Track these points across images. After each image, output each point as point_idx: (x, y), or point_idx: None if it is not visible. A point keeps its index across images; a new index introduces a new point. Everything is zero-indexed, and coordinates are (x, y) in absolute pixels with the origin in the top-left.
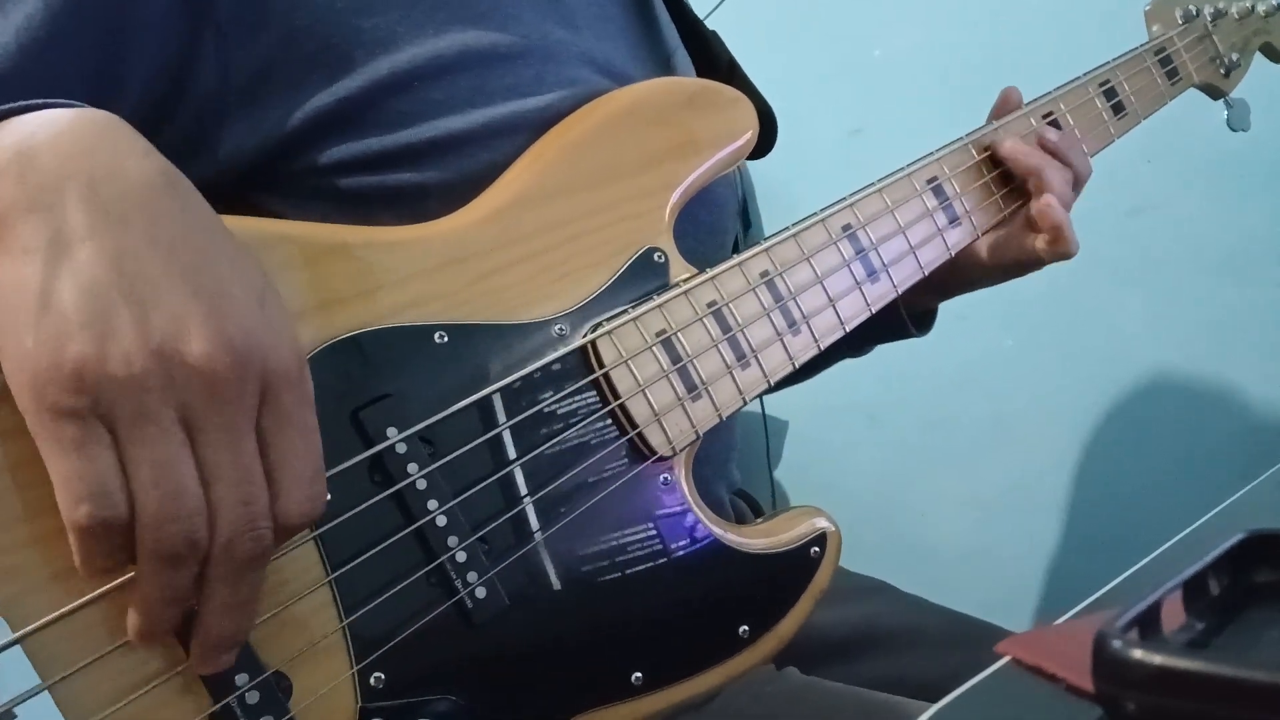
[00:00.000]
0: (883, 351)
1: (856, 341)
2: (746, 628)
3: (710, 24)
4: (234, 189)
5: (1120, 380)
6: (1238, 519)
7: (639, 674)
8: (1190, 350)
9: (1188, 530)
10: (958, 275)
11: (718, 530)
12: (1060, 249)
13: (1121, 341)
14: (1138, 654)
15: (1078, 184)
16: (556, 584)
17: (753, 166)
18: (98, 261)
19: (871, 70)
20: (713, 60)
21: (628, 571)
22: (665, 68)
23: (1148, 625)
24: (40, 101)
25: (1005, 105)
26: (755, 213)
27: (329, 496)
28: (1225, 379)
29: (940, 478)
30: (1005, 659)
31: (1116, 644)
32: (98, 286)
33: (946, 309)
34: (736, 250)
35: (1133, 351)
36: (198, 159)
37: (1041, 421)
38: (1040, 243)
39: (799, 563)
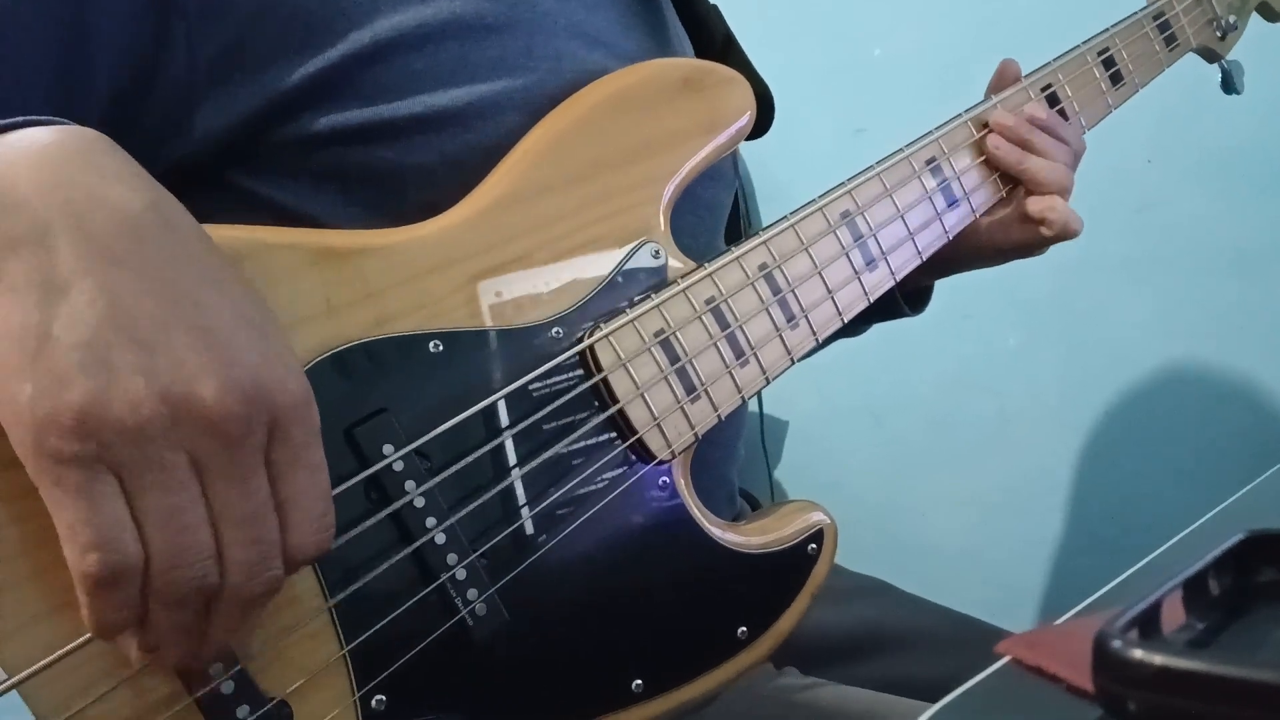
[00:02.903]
0: (885, 350)
1: (853, 322)
2: (745, 628)
3: None
4: (210, 167)
5: (1123, 379)
6: (1238, 519)
7: (639, 681)
8: (1193, 349)
9: (1188, 530)
10: (957, 256)
11: (715, 531)
12: (1064, 235)
13: (1125, 340)
14: (1138, 654)
15: (1074, 160)
16: (556, 596)
17: (754, 167)
18: (94, 301)
19: (873, 69)
20: (709, 34)
21: (626, 579)
22: (659, 40)
23: (1148, 625)
24: (20, 120)
25: (1003, 78)
26: (756, 214)
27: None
28: (1228, 378)
29: (941, 477)
30: (1005, 659)
31: (1117, 644)
32: (96, 328)
33: (950, 308)
34: (736, 220)
35: (1136, 350)
36: (173, 141)
37: (1043, 421)
38: (1044, 229)
39: (796, 560)
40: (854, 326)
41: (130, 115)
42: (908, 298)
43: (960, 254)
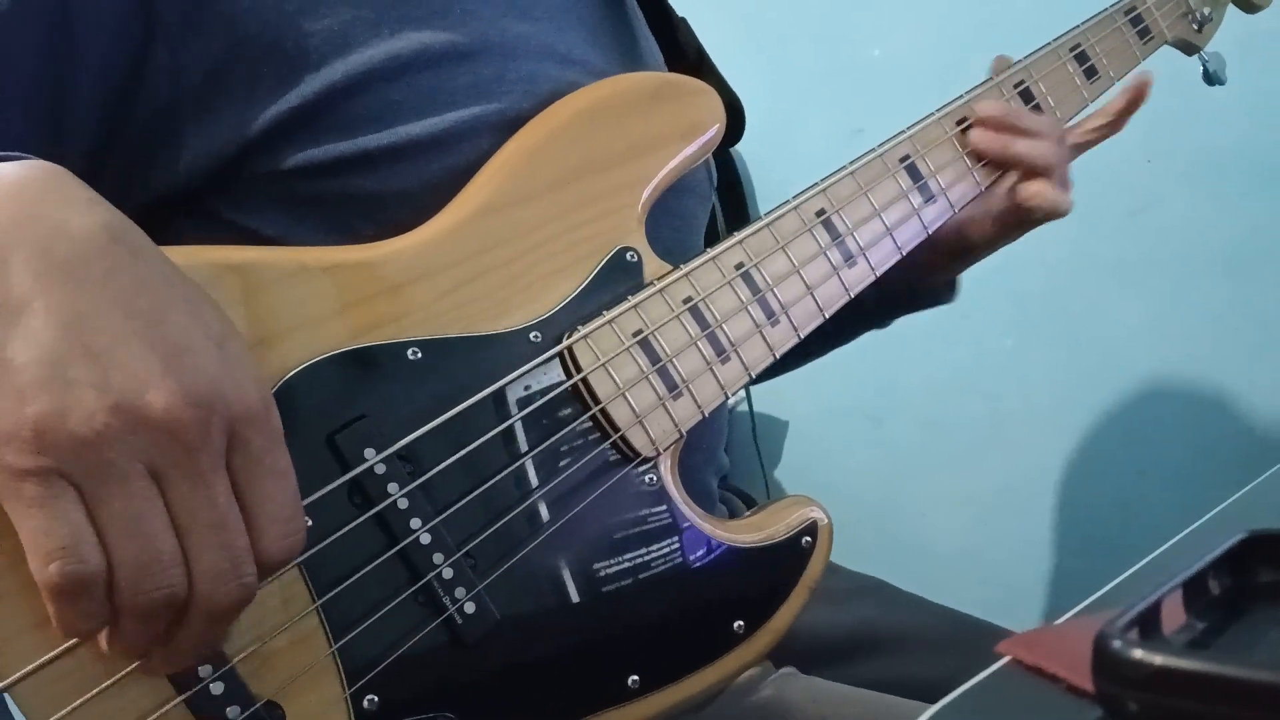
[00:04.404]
0: (882, 351)
1: (880, 314)
2: (741, 623)
3: (710, 23)
4: (193, 199)
5: (1120, 380)
6: (1238, 519)
7: (635, 677)
8: (1190, 350)
9: (1188, 530)
10: (970, 245)
11: (707, 527)
12: (1054, 215)
13: (1121, 341)
14: (1138, 654)
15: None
16: (546, 593)
17: (754, 167)
18: (50, 321)
19: (872, 70)
20: (681, 49)
21: (618, 575)
22: (630, 56)
23: (1148, 625)
24: None
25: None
26: (756, 214)
27: (309, 523)
28: (1225, 379)
29: (940, 478)
30: (1005, 659)
31: (1117, 644)
32: (52, 346)
33: (947, 310)
34: (714, 233)
35: (1133, 351)
36: (156, 170)
37: (1041, 421)
38: (1032, 214)
39: (791, 554)
40: (882, 318)
41: (117, 139)
42: (933, 291)
43: (971, 242)
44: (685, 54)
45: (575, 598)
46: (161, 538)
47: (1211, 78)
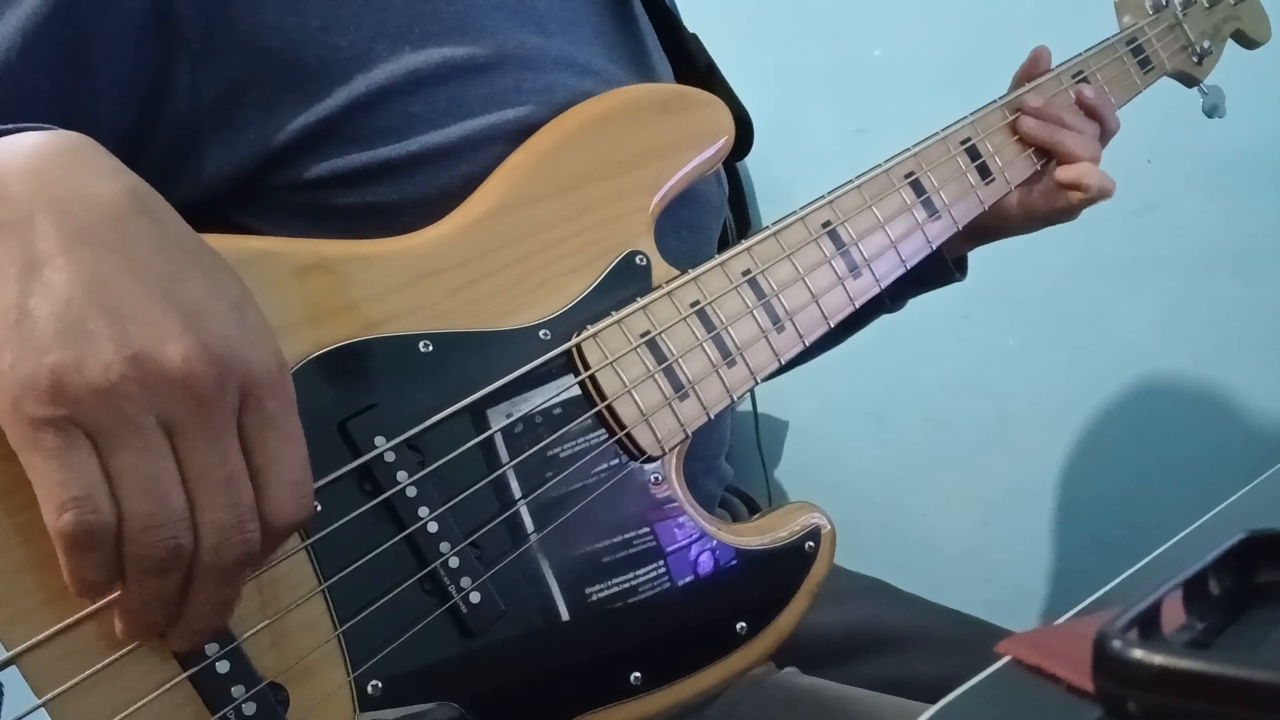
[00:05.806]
0: (886, 351)
1: (892, 295)
2: (744, 624)
3: (712, 25)
4: (213, 207)
5: (1123, 380)
6: (1238, 519)
7: (638, 674)
8: (1192, 350)
9: (1188, 530)
10: (993, 226)
11: (711, 528)
12: (1100, 196)
13: (1124, 341)
14: (1138, 654)
15: (1105, 137)
16: (551, 586)
17: (755, 168)
18: (71, 278)
19: (873, 70)
20: (691, 63)
21: (622, 572)
22: (644, 68)
23: (1148, 625)
24: (12, 126)
25: (1034, 67)
26: (756, 213)
27: (319, 507)
28: (1227, 379)
29: (942, 478)
30: (1005, 659)
31: (1117, 644)
32: (72, 301)
33: (950, 309)
34: (727, 242)
35: (1135, 351)
36: (179, 182)
37: (1043, 421)
38: (1076, 198)
39: (794, 558)
40: (895, 300)
41: (139, 154)
42: (949, 270)
43: (993, 225)
44: (695, 67)
45: (579, 593)
46: (171, 491)
47: (1210, 111)
